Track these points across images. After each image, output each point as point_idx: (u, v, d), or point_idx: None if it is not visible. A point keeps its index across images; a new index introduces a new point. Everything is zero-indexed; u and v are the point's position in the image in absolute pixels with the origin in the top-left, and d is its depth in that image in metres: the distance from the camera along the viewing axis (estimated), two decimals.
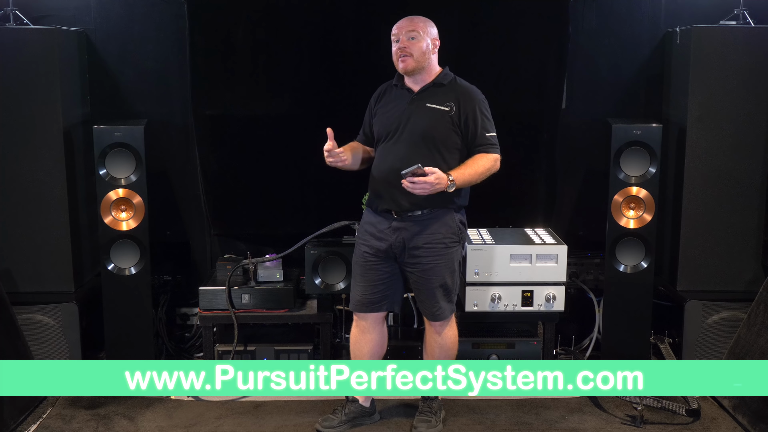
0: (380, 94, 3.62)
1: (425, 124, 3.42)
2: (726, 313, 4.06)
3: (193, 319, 4.61)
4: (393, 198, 3.44)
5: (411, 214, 3.45)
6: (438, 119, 3.43)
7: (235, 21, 4.25)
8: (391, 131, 3.47)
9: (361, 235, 3.59)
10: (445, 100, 3.44)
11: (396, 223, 3.47)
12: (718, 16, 4.23)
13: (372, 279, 3.54)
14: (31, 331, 3.98)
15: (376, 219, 3.53)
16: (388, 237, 3.48)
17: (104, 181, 3.93)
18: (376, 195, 3.53)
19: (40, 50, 3.94)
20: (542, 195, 4.50)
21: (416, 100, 3.47)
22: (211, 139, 4.36)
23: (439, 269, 3.48)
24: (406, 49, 3.40)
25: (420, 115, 3.44)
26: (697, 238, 4.14)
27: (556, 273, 3.97)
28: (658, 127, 3.98)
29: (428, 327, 3.63)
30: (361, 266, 3.57)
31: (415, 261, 3.48)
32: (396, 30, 3.47)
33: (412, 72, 3.45)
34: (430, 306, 3.54)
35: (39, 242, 4.05)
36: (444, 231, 3.48)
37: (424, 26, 3.45)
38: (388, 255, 3.51)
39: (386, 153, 3.48)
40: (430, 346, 3.64)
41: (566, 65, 4.35)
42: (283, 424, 3.70)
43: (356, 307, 3.60)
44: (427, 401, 3.66)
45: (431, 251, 3.46)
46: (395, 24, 3.49)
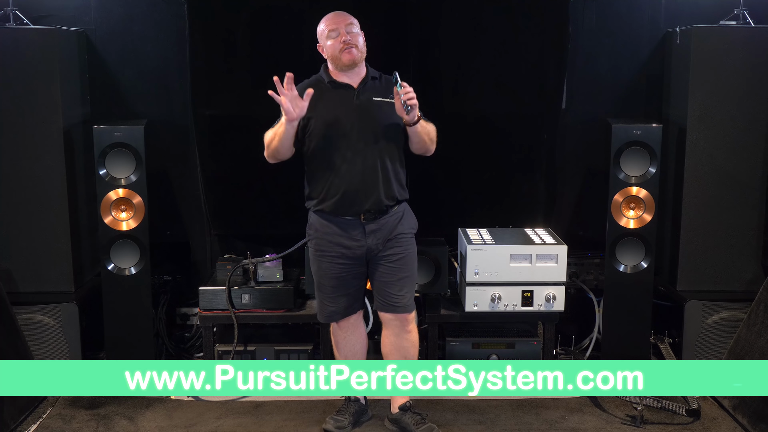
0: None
1: (379, 118, 3.40)
2: (726, 313, 4.06)
3: (193, 319, 4.61)
4: (371, 198, 3.39)
5: (382, 216, 3.42)
6: (387, 112, 3.40)
7: (235, 21, 4.25)
8: (343, 134, 3.37)
9: (326, 247, 3.46)
10: (386, 92, 3.42)
11: (370, 226, 3.42)
12: (718, 16, 4.23)
13: (352, 287, 3.52)
14: (31, 331, 3.98)
15: (345, 226, 3.43)
16: (362, 241, 3.43)
17: (104, 181, 3.93)
18: (345, 201, 3.39)
19: (40, 50, 3.94)
20: (542, 195, 4.50)
21: (361, 95, 3.42)
22: (211, 139, 4.36)
23: (410, 259, 3.52)
24: (350, 41, 3.37)
25: (371, 110, 3.40)
26: (697, 238, 4.14)
27: (556, 273, 3.97)
28: (658, 127, 3.98)
29: (393, 326, 3.56)
30: (335, 279, 3.48)
31: (391, 252, 3.46)
32: (332, 24, 3.40)
33: (356, 64, 3.41)
34: (401, 297, 3.49)
35: (39, 242, 4.06)
36: (411, 223, 3.54)
37: (356, 21, 3.44)
38: (362, 258, 3.48)
39: (349, 154, 3.38)
40: (398, 345, 3.57)
41: (566, 65, 4.35)
42: (283, 424, 3.70)
43: (340, 316, 3.56)
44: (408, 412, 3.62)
45: (404, 242, 3.49)
46: (325, 19, 3.43)
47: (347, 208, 3.41)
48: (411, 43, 4.22)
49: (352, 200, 3.40)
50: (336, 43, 3.38)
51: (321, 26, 3.46)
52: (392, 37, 4.19)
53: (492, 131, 4.39)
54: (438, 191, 4.42)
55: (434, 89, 4.36)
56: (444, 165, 4.37)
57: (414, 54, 4.27)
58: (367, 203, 3.40)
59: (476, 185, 4.47)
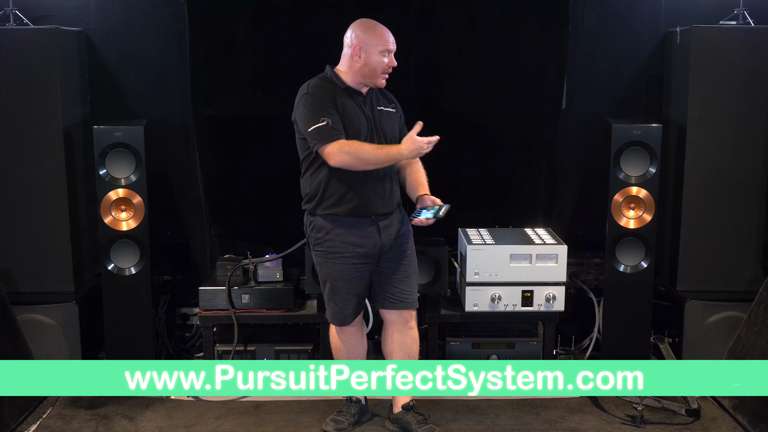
0: (334, 96, 3.37)
1: (388, 126, 3.48)
2: (726, 313, 4.06)
3: (193, 319, 4.61)
4: (385, 199, 3.45)
5: (391, 214, 3.49)
6: (393, 120, 3.52)
7: (235, 21, 4.25)
8: (365, 135, 3.39)
9: (339, 249, 3.43)
10: (387, 102, 3.53)
11: (383, 222, 3.46)
12: (718, 16, 4.23)
13: (361, 288, 3.53)
14: (31, 331, 3.98)
15: (356, 226, 3.43)
16: (376, 237, 3.45)
17: (104, 181, 3.93)
18: (362, 204, 3.40)
19: (40, 50, 3.94)
20: (542, 195, 4.50)
21: (369, 103, 3.47)
22: (211, 139, 4.36)
23: (414, 257, 3.61)
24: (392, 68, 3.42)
25: (380, 117, 3.47)
26: (697, 238, 4.14)
27: (556, 273, 3.97)
28: (658, 127, 3.98)
29: (397, 324, 3.57)
30: (349, 280, 3.47)
31: (399, 250, 3.51)
32: (389, 45, 3.39)
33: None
34: (409, 294, 3.55)
35: (39, 242, 4.06)
36: (408, 224, 3.58)
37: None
38: (376, 256, 3.49)
39: None
40: (401, 342, 3.57)
41: (566, 65, 4.35)
42: (283, 424, 3.70)
43: (350, 318, 3.56)
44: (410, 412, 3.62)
45: (408, 240, 3.57)
46: (381, 32, 3.39)
47: (362, 211, 3.43)
48: (411, 43, 4.22)
49: (368, 204, 3.42)
50: (383, 64, 3.38)
51: (373, 37, 3.37)
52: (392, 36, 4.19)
53: (492, 131, 4.39)
54: (438, 191, 4.41)
55: (434, 89, 4.36)
56: (444, 165, 4.37)
57: (414, 54, 4.27)
58: (382, 207, 3.45)
59: (476, 185, 4.47)
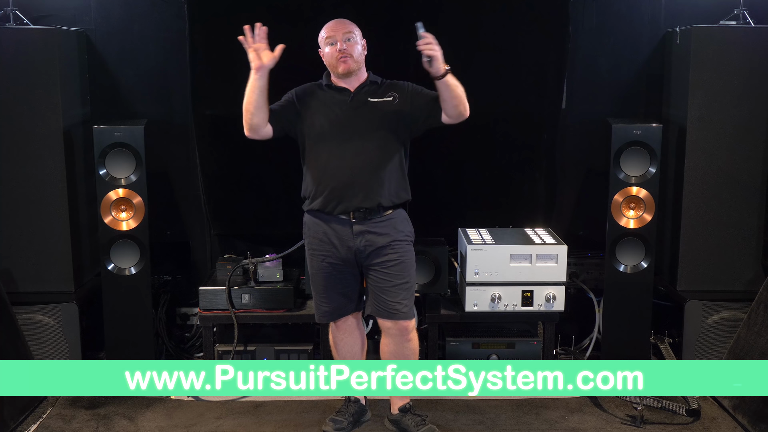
0: (305, 94, 3.49)
1: (373, 118, 3.42)
2: (726, 313, 4.06)
3: (193, 319, 4.61)
4: (359, 195, 3.39)
5: (372, 218, 3.41)
6: (384, 112, 3.43)
7: (235, 21, 4.24)
8: (334, 132, 3.40)
9: (316, 246, 3.49)
10: (384, 94, 3.47)
11: (358, 227, 3.42)
12: (718, 16, 4.23)
13: (344, 287, 3.52)
14: (31, 331, 3.98)
15: (333, 225, 3.44)
16: (351, 242, 3.43)
17: (104, 181, 3.93)
18: (332, 197, 3.40)
19: (40, 50, 3.94)
20: (542, 195, 4.50)
21: (356, 97, 3.44)
22: (211, 139, 4.36)
23: (407, 266, 3.47)
24: (346, 50, 3.40)
25: (365, 110, 3.43)
26: (697, 238, 4.14)
27: (556, 273, 3.97)
28: (658, 127, 3.98)
29: (392, 335, 3.53)
30: (324, 278, 3.49)
31: (386, 259, 3.43)
32: (330, 32, 3.43)
33: (351, 73, 3.44)
34: (397, 304, 3.45)
35: (39, 242, 4.06)
36: (405, 230, 3.50)
37: (356, 28, 3.46)
38: (351, 260, 3.46)
39: (339, 153, 3.40)
40: (397, 353, 3.53)
41: (566, 65, 4.35)
42: (283, 424, 3.70)
43: (333, 316, 3.56)
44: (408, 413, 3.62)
45: (399, 249, 3.45)
46: (326, 26, 3.46)
47: (335, 205, 3.41)
48: (411, 43, 4.21)
49: (339, 196, 3.40)
50: (333, 51, 3.42)
51: (321, 33, 3.48)
52: (392, 37, 4.18)
53: (492, 131, 4.39)
54: (438, 191, 4.42)
55: (434, 89, 4.35)
56: (444, 165, 4.38)
57: (414, 54, 4.25)
58: (355, 200, 3.39)
59: (476, 185, 4.47)
